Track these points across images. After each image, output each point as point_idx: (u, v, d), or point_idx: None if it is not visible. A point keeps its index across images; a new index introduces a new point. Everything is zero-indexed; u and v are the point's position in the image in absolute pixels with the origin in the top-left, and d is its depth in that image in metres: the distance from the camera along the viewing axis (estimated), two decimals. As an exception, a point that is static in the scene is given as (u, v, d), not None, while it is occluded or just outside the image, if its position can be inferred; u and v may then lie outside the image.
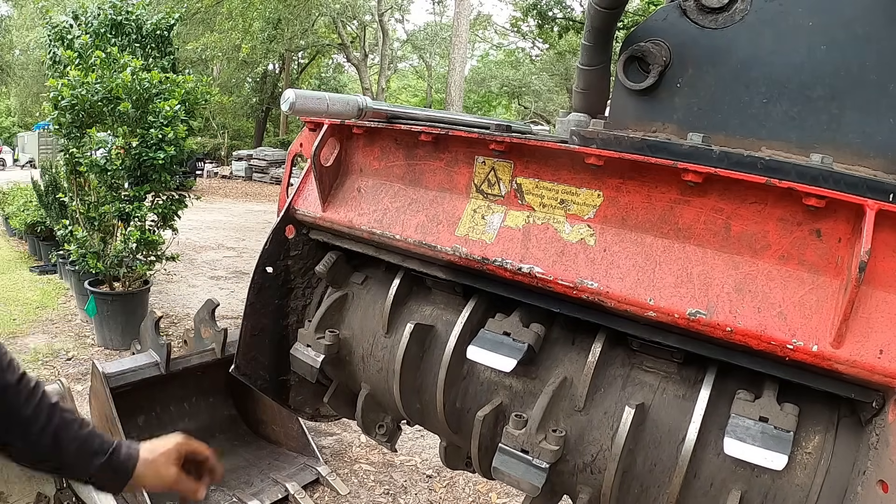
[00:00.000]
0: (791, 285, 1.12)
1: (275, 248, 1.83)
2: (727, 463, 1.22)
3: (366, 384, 1.80)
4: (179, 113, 6.29)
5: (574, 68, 17.75)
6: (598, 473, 1.35)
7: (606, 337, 1.37)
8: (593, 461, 1.36)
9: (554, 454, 1.30)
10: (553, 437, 1.32)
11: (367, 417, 1.81)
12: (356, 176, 1.76)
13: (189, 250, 11.25)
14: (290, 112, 1.40)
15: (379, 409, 1.84)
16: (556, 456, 1.31)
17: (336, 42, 31.02)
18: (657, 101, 1.52)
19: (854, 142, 1.36)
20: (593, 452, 1.36)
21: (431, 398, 1.57)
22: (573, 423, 1.38)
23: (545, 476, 1.28)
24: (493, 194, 1.46)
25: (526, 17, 25.50)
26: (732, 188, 1.16)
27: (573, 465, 1.38)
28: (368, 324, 1.79)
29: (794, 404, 1.18)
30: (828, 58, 1.37)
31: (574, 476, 1.38)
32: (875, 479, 1.03)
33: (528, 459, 1.30)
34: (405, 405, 1.62)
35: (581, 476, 1.37)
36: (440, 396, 1.51)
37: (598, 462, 1.35)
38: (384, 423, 1.84)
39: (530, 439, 1.31)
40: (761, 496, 1.20)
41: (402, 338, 1.58)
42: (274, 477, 4.01)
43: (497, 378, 1.51)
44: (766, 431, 1.14)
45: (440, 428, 1.61)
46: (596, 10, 1.54)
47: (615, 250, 1.28)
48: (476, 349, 1.39)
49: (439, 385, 1.50)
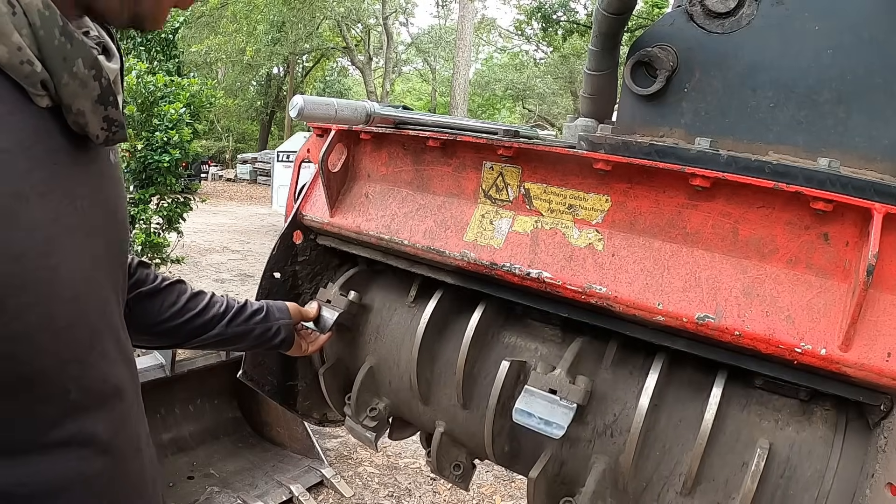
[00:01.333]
0: (799, 289, 1.12)
1: (282, 253, 1.84)
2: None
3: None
4: (184, 116, 6.31)
5: (578, 72, 17.66)
6: (618, 435, 1.35)
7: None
8: (615, 420, 1.36)
9: (583, 396, 1.30)
10: (582, 380, 1.33)
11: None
12: (364, 181, 1.76)
13: (194, 253, 11.28)
14: (298, 118, 1.41)
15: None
16: (584, 398, 1.31)
17: (340, 45, 31.12)
18: (664, 106, 1.52)
19: (861, 145, 1.36)
20: (616, 411, 1.37)
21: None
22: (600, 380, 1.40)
23: (572, 416, 1.27)
24: (501, 199, 1.47)
25: (530, 21, 25.52)
26: (740, 192, 1.16)
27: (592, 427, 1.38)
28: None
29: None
30: (834, 62, 1.37)
31: (591, 442, 1.38)
32: (883, 482, 1.04)
33: (555, 399, 1.30)
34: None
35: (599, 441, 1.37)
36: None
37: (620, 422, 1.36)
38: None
39: (559, 381, 1.32)
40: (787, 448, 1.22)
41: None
42: (278, 479, 4.02)
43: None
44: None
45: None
46: (603, 16, 1.55)
47: (623, 255, 1.28)
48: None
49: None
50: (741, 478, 1.21)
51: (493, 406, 1.43)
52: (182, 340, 1.43)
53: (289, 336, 1.61)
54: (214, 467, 4.06)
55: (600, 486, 1.34)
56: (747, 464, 1.20)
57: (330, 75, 39.30)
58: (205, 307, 1.45)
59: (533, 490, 1.38)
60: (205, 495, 3.75)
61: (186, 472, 3.95)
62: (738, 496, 1.17)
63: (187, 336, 1.43)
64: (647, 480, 1.31)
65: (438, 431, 1.65)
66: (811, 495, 1.18)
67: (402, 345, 1.72)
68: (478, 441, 1.58)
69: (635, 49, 1.51)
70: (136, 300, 1.30)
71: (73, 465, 0.88)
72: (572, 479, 1.43)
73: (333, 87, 37.32)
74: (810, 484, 1.19)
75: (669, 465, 1.30)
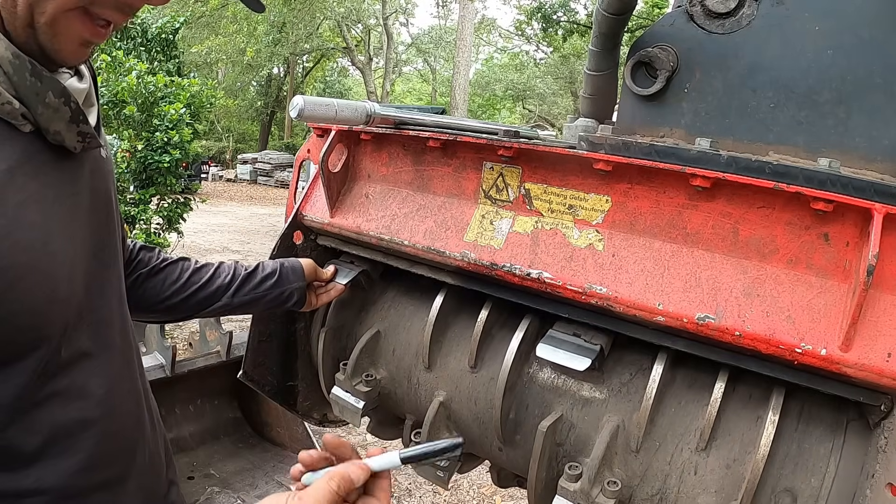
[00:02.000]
0: (799, 289, 1.12)
1: (282, 253, 1.84)
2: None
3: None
4: (184, 116, 6.33)
5: (578, 72, 17.66)
6: (634, 393, 1.37)
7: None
8: (630, 379, 1.39)
9: (606, 340, 1.35)
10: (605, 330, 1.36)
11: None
12: (364, 182, 1.77)
13: (194, 253, 11.29)
14: (298, 118, 1.41)
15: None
16: (607, 343, 1.35)
17: (341, 46, 31.13)
18: (665, 106, 1.53)
19: (861, 146, 1.37)
20: (631, 371, 1.39)
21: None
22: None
23: (596, 354, 1.32)
24: (501, 200, 1.47)
25: (530, 21, 25.52)
26: (740, 193, 1.16)
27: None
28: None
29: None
30: (834, 62, 1.37)
31: (605, 402, 1.40)
32: (884, 482, 1.04)
33: (579, 339, 1.36)
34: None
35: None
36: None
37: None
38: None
39: (582, 328, 1.37)
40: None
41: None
42: (278, 479, 4.02)
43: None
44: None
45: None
46: (603, 16, 1.56)
47: (624, 255, 1.28)
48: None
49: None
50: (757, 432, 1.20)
51: (510, 357, 1.44)
52: (188, 313, 1.53)
53: (301, 298, 1.65)
54: (215, 467, 4.06)
55: (610, 449, 1.32)
56: (762, 417, 1.20)
57: (330, 76, 39.30)
58: (209, 279, 1.53)
59: (540, 446, 1.35)
60: (205, 495, 3.75)
61: (187, 472, 3.95)
62: (756, 450, 1.16)
63: (192, 309, 1.52)
64: (661, 439, 1.30)
65: (437, 401, 1.60)
66: (826, 448, 1.17)
67: (418, 312, 1.73)
68: (481, 409, 1.55)
69: (635, 49, 1.51)
70: (139, 280, 1.45)
71: (73, 415, 1.04)
72: (579, 446, 1.41)
73: (333, 88, 37.31)
74: (824, 439, 1.19)
75: (685, 421, 1.29)
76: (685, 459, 1.27)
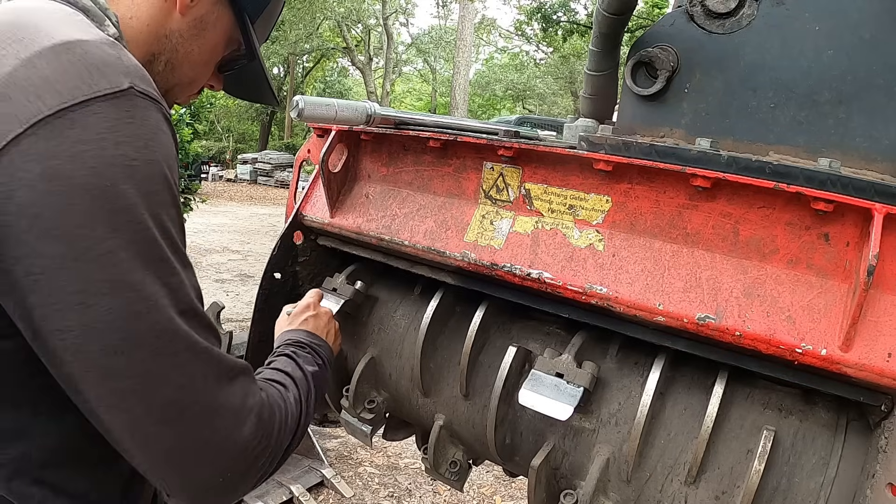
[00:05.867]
0: (800, 289, 1.12)
1: (283, 254, 1.84)
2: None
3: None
4: (184, 116, 6.33)
5: (578, 72, 17.66)
6: (623, 424, 1.34)
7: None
8: (620, 409, 1.36)
9: (590, 380, 1.31)
10: (589, 365, 1.33)
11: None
12: (364, 182, 1.77)
13: (194, 253, 11.28)
14: (298, 119, 1.41)
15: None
16: (591, 382, 1.31)
17: (341, 46, 31.12)
18: (665, 107, 1.52)
19: (861, 146, 1.36)
20: (621, 400, 1.36)
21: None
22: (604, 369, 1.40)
23: (578, 399, 1.28)
24: (501, 200, 1.47)
25: (530, 21, 25.50)
26: (741, 193, 1.16)
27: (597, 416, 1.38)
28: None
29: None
30: (835, 62, 1.37)
31: (595, 432, 1.38)
32: (884, 482, 1.04)
33: (561, 382, 1.31)
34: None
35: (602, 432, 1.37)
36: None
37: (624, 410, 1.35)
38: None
39: (566, 365, 1.33)
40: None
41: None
42: (278, 479, 4.02)
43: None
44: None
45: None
46: (603, 16, 1.56)
47: (624, 255, 1.28)
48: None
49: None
50: (746, 465, 1.20)
51: (497, 393, 1.42)
52: None
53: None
54: (215, 467, 4.05)
55: (603, 477, 1.33)
56: (752, 451, 1.20)
57: (330, 76, 39.29)
58: None
59: (534, 480, 1.37)
60: (205, 496, 3.74)
61: (187, 472, 3.95)
62: (744, 484, 1.17)
63: None
64: (652, 470, 1.31)
65: (437, 425, 1.64)
66: (816, 482, 1.17)
67: (406, 335, 1.72)
68: (478, 432, 1.57)
69: (636, 49, 1.51)
70: None
71: None
72: (574, 470, 1.42)
73: (333, 88, 37.30)
74: (815, 472, 1.18)
75: (674, 454, 1.29)
76: (675, 490, 1.28)
